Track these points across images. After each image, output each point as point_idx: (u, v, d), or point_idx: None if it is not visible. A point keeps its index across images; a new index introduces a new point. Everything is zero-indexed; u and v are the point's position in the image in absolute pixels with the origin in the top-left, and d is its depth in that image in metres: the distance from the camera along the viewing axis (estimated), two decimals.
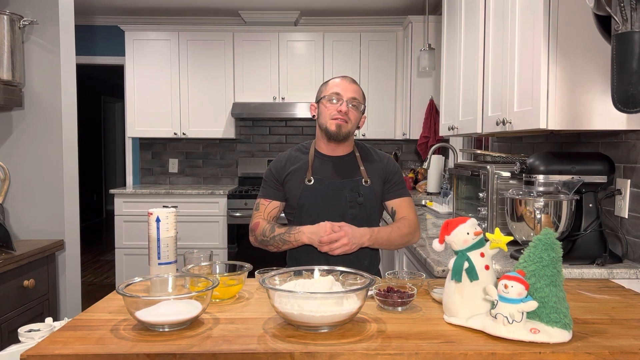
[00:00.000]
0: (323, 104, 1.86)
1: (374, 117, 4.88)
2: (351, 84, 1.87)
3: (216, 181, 5.35)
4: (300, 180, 1.88)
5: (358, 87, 1.89)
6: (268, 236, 1.83)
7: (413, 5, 4.78)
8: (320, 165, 1.91)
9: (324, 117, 1.86)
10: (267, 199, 1.92)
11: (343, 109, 1.81)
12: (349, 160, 1.92)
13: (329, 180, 1.88)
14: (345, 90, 1.84)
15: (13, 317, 2.27)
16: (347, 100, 1.82)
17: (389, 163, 1.96)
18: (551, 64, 1.71)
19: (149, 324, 1.18)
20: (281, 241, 1.79)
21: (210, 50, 4.86)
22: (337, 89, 1.84)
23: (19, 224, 2.66)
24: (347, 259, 1.80)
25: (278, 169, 1.92)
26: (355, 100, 1.84)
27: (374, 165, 1.93)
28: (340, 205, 1.86)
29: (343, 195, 1.86)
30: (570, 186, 1.73)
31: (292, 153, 1.96)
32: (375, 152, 1.99)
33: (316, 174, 1.89)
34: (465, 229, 1.24)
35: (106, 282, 5.27)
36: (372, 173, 1.91)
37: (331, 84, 1.88)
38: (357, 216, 1.86)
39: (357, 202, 1.86)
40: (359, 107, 1.86)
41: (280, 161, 1.94)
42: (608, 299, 1.46)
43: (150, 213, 1.46)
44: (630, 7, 1.32)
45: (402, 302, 1.34)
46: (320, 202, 1.86)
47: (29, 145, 2.66)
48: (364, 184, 1.88)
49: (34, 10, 2.61)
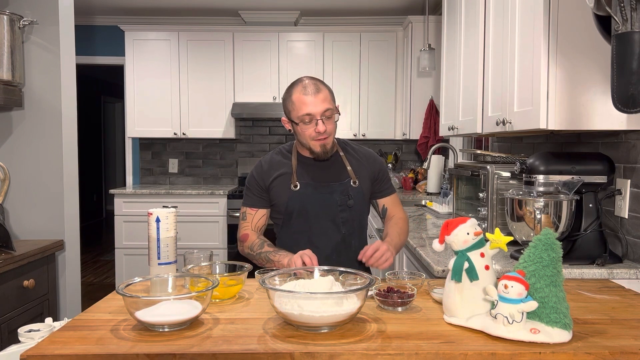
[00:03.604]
0: (299, 127, 1.75)
1: (374, 117, 4.88)
2: (317, 93, 1.72)
3: (216, 181, 5.35)
4: (286, 186, 1.82)
5: (325, 89, 1.75)
6: (255, 251, 1.80)
7: (413, 5, 4.78)
8: (305, 168, 1.85)
9: (304, 139, 1.77)
10: (252, 207, 1.87)
11: (320, 129, 1.71)
12: (334, 161, 1.86)
13: (317, 183, 1.83)
14: (315, 106, 1.70)
15: (13, 317, 2.27)
16: (321, 117, 1.71)
17: (376, 161, 1.92)
18: (551, 64, 1.71)
19: (149, 324, 1.18)
20: (266, 259, 1.76)
21: (210, 50, 4.86)
22: (306, 109, 1.71)
23: (19, 224, 2.66)
24: (347, 258, 1.80)
25: (261, 176, 1.85)
26: (328, 111, 1.72)
27: (361, 164, 1.88)
28: (330, 210, 1.82)
29: (333, 199, 1.82)
30: (570, 186, 1.73)
31: (274, 157, 1.89)
32: (359, 149, 1.93)
33: (302, 178, 1.83)
34: (465, 229, 1.24)
35: (106, 282, 5.27)
36: (359, 173, 1.87)
37: (298, 102, 1.73)
38: (348, 219, 1.83)
39: (348, 205, 1.83)
40: (333, 113, 1.75)
41: (262, 167, 1.87)
42: (608, 299, 1.46)
43: (150, 213, 1.46)
44: (630, 7, 1.32)
45: (402, 302, 1.34)
46: (309, 207, 1.81)
47: (29, 145, 2.66)
48: (352, 185, 1.84)
49: (33, 10, 2.61)
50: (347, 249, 1.85)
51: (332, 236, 1.83)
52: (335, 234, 1.83)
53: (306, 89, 1.73)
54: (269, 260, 1.75)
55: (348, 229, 1.84)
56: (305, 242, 1.81)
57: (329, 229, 1.83)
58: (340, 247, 1.84)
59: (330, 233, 1.83)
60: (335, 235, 1.83)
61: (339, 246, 1.84)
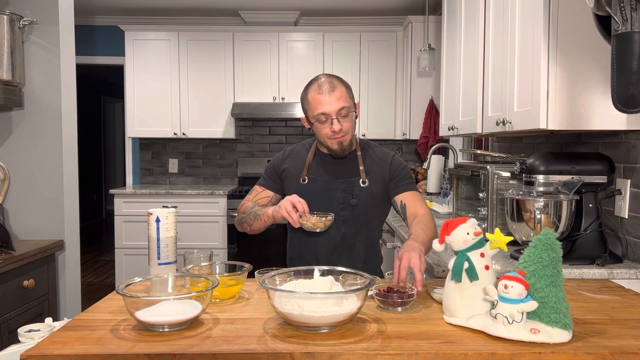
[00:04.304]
0: (315, 126, 1.76)
1: (374, 117, 4.88)
2: (332, 92, 1.71)
3: (216, 181, 5.35)
4: (295, 179, 1.86)
5: (340, 87, 1.74)
6: (247, 213, 1.82)
7: (413, 5, 4.78)
8: (320, 164, 1.87)
9: (321, 137, 1.79)
10: (262, 186, 1.93)
11: (336, 128, 1.72)
12: (350, 160, 1.86)
13: (324, 180, 1.84)
14: (329, 105, 1.70)
15: (13, 317, 2.26)
16: (336, 116, 1.71)
17: (394, 160, 1.88)
18: (551, 64, 1.71)
19: (149, 324, 1.18)
20: (254, 215, 1.78)
21: (210, 50, 4.86)
22: (321, 108, 1.71)
23: (19, 224, 2.66)
24: (348, 260, 1.80)
25: (277, 162, 1.93)
26: (343, 109, 1.72)
27: (376, 165, 1.86)
28: (331, 207, 1.79)
29: (335, 196, 1.81)
30: (570, 186, 1.73)
31: (297, 148, 1.95)
32: (378, 150, 1.92)
33: (312, 173, 1.86)
34: (465, 229, 1.24)
35: (106, 282, 5.27)
36: (372, 173, 1.85)
37: (313, 102, 1.73)
38: (350, 218, 1.81)
39: (350, 203, 1.81)
40: (349, 111, 1.74)
41: (282, 154, 1.95)
42: (608, 299, 1.46)
43: (150, 213, 1.46)
44: (630, 7, 1.32)
45: (402, 302, 1.33)
46: (312, 202, 1.76)
47: (29, 145, 2.66)
48: (360, 185, 1.82)
49: (33, 10, 2.61)
50: (349, 250, 1.83)
51: (331, 234, 1.80)
52: (334, 232, 1.81)
53: (321, 87, 1.73)
54: (257, 216, 1.77)
55: (349, 228, 1.81)
56: (306, 236, 1.81)
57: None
58: (340, 246, 1.82)
59: (329, 230, 1.78)
60: (334, 233, 1.81)
61: (339, 246, 1.82)
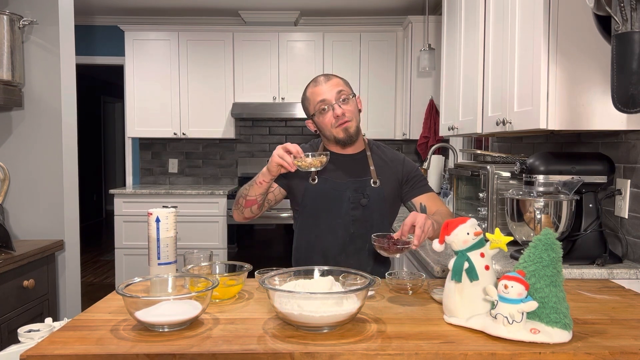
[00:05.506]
0: (318, 118, 1.78)
1: (374, 117, 4.87)
2: (328, 81, 1.77)
3: (216, 181, 5.35)
4: (304, 179, 1.83)
5: (336, 78, 1.79)
6: (244, 187, 1.78)
7: (413, 5, 4.78)
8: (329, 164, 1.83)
9: (327, 129, 1.78)
10: None
11: (338, 112, 1.73)
12: (360, 160, 1.85)
13: (334, 180, 1.81)
14: (327, 92, 1.74)
15: (13, 317, 2.26)
16: (336, 100, 1.74)
17: (406, 163, 1.87)
18: (551, 64, 1.71)
19: (149, 324, 1.18)
20: (248, 185, 1.75)
21: (210, 50, 4.86)
22: (319, 97, 1.75)
23: (19, 224, 2.66)
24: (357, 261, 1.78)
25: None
26: (342, 93, 1.75)
27: (387, 165, 1.85)
28: (342, 207, 1.79)
29: (345, 195, 1.80)
30: (570, 186, 1.73)
31: (304, 148, 1.90)
32: (388, 151, 1.91)
33: (322, 173, 1.81)
34: (465, 229, 1.24)
35: (106, 282, 5.27)
36: (383, 174, 1.83)
37: (312, 95, 1.78)
38: (360, 218, 1.79)
39: (361, 203, 1.79)
40: (349, 97, 1.76)
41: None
42: (608, 299, 1.46)
43: (150, 213, 1.46)
44: (630, 7, 1.32)
45: (397, 249, 1.42)
46: (322, 202, 1.80)
47: (29, 145, 2.66)
48: (371, 185, 1.80)
49: (33, 10, 2.61)
50: (358, 251, 1.81)
51: (339, 234, 1.79)
52: (343, 232, 1.79)
53: (317, 80, 1.79)
54: (251, 184, 1.74)
55: (359, 229, 1.79)
56: (314, 237, 1.81)
57: (337, 226, 1.79)
58: (349, 247, 1.80)
59: (338, 230, 1.79)
60: (342, 233, 1.79)
61: (348, 246, 1.80)
